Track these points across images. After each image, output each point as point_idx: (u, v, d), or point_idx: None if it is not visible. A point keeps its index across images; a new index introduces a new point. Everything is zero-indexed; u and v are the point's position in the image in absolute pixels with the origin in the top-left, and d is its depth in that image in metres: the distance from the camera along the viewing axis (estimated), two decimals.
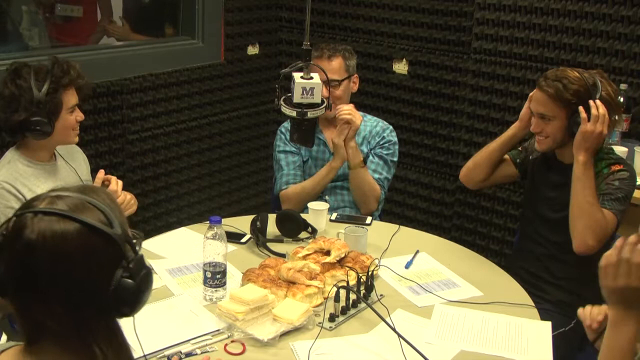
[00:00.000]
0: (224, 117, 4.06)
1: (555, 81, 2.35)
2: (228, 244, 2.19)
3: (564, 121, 2.37)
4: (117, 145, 3.50)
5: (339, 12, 3.99)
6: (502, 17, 3.42)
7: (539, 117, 2.42)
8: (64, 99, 2.38)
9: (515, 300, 2.18)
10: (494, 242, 3.65)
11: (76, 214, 1.15)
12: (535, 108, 2.42)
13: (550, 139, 2.42)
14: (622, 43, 3.13)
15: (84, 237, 1.15)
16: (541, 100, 2.39)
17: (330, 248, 2.29)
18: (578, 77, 2.34)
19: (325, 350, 1.87)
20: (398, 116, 3.85)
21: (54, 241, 1.13)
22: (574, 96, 2.32)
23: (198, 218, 3.55)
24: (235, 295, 1.97)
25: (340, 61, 2.91)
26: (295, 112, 2.10)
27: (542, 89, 2.38)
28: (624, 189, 2.34)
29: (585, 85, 2.33)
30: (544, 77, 2.40)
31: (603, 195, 2.34)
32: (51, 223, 1.14)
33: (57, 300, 1.15)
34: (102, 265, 1.17)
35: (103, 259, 1.17)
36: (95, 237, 1.15)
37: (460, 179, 2.79)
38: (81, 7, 3.87)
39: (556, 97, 2.34)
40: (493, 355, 1.91)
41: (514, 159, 2.69)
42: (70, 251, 1.14)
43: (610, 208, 2.32)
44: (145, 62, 3.62)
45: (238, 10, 3.99)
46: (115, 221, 1.18)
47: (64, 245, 1.14)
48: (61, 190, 1.21)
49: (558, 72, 2.39)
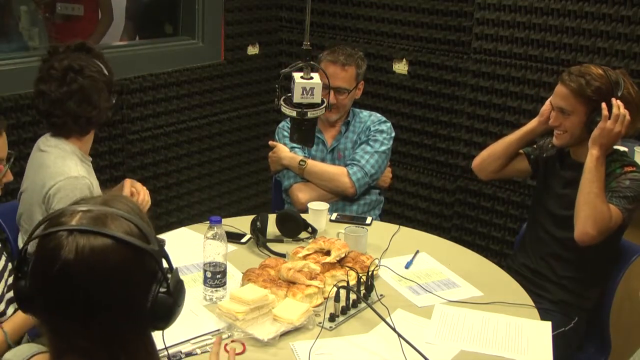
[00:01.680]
0: (224, 117, 4.06)
1: (579, 77, 2.36)
2: (228, 244, 2.19)
3: (582, 117, 2.37)
4: (117, 145, 3.50)
5: (339, 12, 4.00)
6: (502, 17, 3.42)
7: (558, 111, 2.43)
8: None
9: (515, 300, 2.18)
10: (494, 242, 3.65)
11: (112, 231, 1.10)
12: (556, 102, 2.43)
13: (568, 134, 2.44)
14: (622, 43, 3.12)
15: (122, 253, 1.11)
16: (562, 95, 2.40)
17: (331, 248, 2.29)
18: (602, 74, 2.35)
19: (325, 350, 1.87)
20: (398, 116, 3.85)
21: (94, 259, 1.09)
22: (595, 93, 2.33)
23: (198, 218, 3.55)
24: (235, 295, 1.97)
25: (354, 70, 2.92)
26: (295, 112, 2.10)
27: (564, 83, 2.39)
28: (634, 189, 2.34)
29: (608, 82, 2.34)
30: (567, 72, 2.42)
31: (612, 192, 2.34)
32: (89, 241, 1.09)
33: (92, 320, 1.11)
34: (139, 281, 1.14)
35: (140, 274, 1.14)
36: (133, 252, 1.12)
37: (473, 167, 2.81)
38: (82, 6, 3.87)
39: (578, 93, 2.36)
40: (493, 355, 1.90)
41: (528, 155, 2.70)
42: (110, 268, 1.10)
43: (617, 204, 2.32)
44: (145, 62, 3.62)
45: (238, 10, 3.99)
46: (151, 236, 1.15)
47: (104, 263, 1.09)
48: (85, 204, 1.15)
49: (582, 68, 2.40)
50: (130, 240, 1.11)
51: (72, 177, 2.24)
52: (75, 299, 1.10)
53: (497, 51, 3.48)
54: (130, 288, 1.13)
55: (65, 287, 1.10)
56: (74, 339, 1.12)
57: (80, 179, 2.25)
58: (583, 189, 2.32)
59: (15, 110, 3.07)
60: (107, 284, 1.10)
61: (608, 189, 2.34)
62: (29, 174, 2.39)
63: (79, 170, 2.27)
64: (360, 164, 2.91)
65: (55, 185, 2.24)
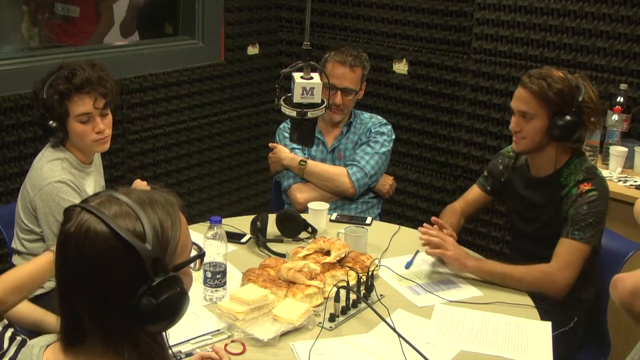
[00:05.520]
0: (224, 117, 4.06)
1: (540, 79, 2.31)
2: (228, 244, 2.19)
3: (544, 121, 2.32)
4: (117, 145, 3.50)
5: (339, 12, 4.00)
6: (502, 17, 3.43)
7: (520, 116, 2.37)
8: (70, 106, 2.31)
9: (515, 300, 2.18)
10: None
11: (113, 221, 1.15)
12: (517, 106, 2.37)
13: (528, 140, 2.37)
14: (622, 43, 3.13)
15: (111, 244, 1.14)
16: (524, 98, 2.34)
17: (331, 248, 2.29)
18: (562, 77, 2.31)
19: (325, 350, 1.87)
20: (398, 116, 3.85)
21: (85, 239, 1.14)
22: (557, 96, 2.29)
23: (198, 218, 3.54)
24: (235, 295, 1.97)
25: (360, 71, 2.93)
26: (295, 112, 2.10)
27: (525, 86, 2.33)
28: (594, 212, 2.28)
29: (570, 85, 2.29)
30: (527, 75, 2.36)
31: (572, 224, 2.29)
32: (89, 222, 1.15)
33: (84, 298, 1.16)
34: (124, 277, 1.15)
35: (125, 271, 1.15)
36: (123, 248, 1.14)
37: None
38: (77, 8, 3.86)
39: (539, 95, 2.30)
40: (493, 355, 1.90)
41: (483, 187, 2.66)
42: (94, 254, 1.14)
43: (580, 238, 2.27)
44: (145, 62, 3.62)
45: (238, 10, 3.99)
46: (151, 236, 1.16)
47: (91, 247, 1.14)
48: (120, 193, 1.21)
49: (543, 70, 2.35)
50: (124, 235, 1.14)
51: (54, 181, 2.32)
52: (67, 270, 1.17)
53: (497, 51, 3.48)
54: (113, 279, 1.15)
55: (62, 255, 1.18)
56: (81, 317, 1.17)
57: (63, 182, 2.32)
58: (513, 285, 2.27)
59: (15, 110, 3.07)
60: (91, 267, 1.15)
61: (568, 217, 2.31)
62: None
63: (62, 175, 2.33)
64: (360, 165, 2.91)
65: (38, 187, 2.34)
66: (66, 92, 2.30)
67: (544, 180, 2.42)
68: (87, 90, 2.32)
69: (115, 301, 1.15)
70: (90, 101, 2.34)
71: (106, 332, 1.18)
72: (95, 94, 2.34)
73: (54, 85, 2.31)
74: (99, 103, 2.36)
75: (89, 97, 2.33)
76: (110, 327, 1.17)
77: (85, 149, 2.43)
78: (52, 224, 2.30)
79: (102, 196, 1.20)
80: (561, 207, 2.35)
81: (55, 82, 2.31)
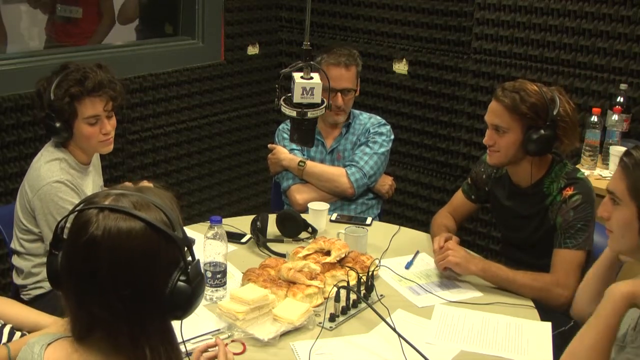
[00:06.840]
0: (224, 117, 4.06)
1: (513, 92, 2.27)
2: (228, 244, 2.19)
3: (518, 135, 2.28)
4: (117, 145, 3.47)
5: (339, 12, 4.00)
6: (502, 17, 3.43)
7: (493, 129, 2.34)
8: (79, 108, 2.31)
9: (515, 300, 2.18)
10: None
11: (141, 213, 1.17)
12: (490, 119, 2.34)
13: (501, 154, 2.34)
14: (622, 43, 3.13)
15: (148, 236, 1.16)
16: (497, 111, 2.31)
17: (331, 248, 2.29)
18: (536, 90, 2.27)
19: (325, 350, 1.87)
20: (398, 116, 3.85)
21: (120, 238, 1.15)
22: (530, 109, 2.25)
23: (198, 218, 3.55)
24: (235, 295, 1.97)
25: (355, 69, 2.93)
26: (295, 112, 2.09)
27: (498, 99, 2.30)
28: (581, 216, 2.26)
29: (543, 99, 2.26)
30: (501, 87, 2.33)
31: (563, 234, 2.27)
32: (117, 220, 1.16)
33: (115, 294, 1.16)
34: (162, 266, 1.18)
35: (163, 260, 1.18)
36: (158, 237, 1.17)
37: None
38: (80, 9, 3.87)
39: (512, 109, 2.26)
40: (493, 355, 1.90)
41: (468, 196, 2.63)
42: (134, 249, 1.16)
43: (573, 246, 2.26)
44: (145, 62, 3.62)
45: (238, 10, 3.99)
46: (177, 224, 1.20)
47: (129, 243, 1.15)
48: (121, 189, 1.22)
49: (516, 83, 2.32)
50: (158, 225, 1.16)
51: (53, 181, 2.32)
52: (99, 272, 1.16)
53: (497, 51, 3.48)
54: (151, 271, 1.17)
55: (90, 258, 1.16)
56: (97, 311, 1.17)
57: (61, 183, 2.32)
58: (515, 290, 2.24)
59: (15, 110, 3.07)
60: (130, 264, 1.16)
61: (557, 226, 2.29)
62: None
63: (60, 175, 2.33)
64: (359, 165, 2.91)
65: (36, 187, 2.34)
66: (78, 95, 2.30)
67: (526, 192, 2.39)
68: (99, 93, 2.33)
69: (153, 291, 1.18)
70: (101, 104, 2.35)
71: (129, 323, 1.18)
72: (106, 97, 2.35)
73: (63, 86, 2.30)
74: (109, 106, 2.37)
75: (99, 100, 2.34)
76: (137, 319, 1.18)
77: (89, 149, 2.44)
78: (52, 224, 2.30)
79: (110, 194, 1.20)
80: (547, 215, 2.34)
81: (64, 84, 2.30)
